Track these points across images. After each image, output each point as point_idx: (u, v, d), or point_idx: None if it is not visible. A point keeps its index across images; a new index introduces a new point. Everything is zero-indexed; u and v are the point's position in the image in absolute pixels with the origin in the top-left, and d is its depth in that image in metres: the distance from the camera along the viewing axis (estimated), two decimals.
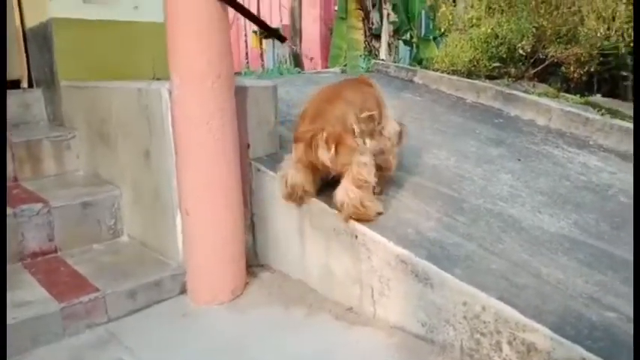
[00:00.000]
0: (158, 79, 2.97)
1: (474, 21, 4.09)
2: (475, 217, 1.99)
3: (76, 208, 2.27)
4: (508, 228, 1.94)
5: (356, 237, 1.85)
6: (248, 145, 2.22)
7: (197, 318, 1.94)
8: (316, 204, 1.98)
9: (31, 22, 2.87)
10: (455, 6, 5.33)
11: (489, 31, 3.87)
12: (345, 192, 1.84)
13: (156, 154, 2.09)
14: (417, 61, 7.50)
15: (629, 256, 1.82)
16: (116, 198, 2.39)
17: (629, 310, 1.48)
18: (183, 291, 2.09)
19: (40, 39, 2.79)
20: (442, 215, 1.98)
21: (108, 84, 2.42)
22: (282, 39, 2.12)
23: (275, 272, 2.24)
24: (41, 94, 2.97)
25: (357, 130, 1.87)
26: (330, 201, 1.96)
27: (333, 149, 1.82)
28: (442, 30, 4.74)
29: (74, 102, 2.66)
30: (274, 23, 14.39)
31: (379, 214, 1.93)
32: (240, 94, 2.08)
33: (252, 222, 2.29)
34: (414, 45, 8.45)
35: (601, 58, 4.20)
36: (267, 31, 2.15)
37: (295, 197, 2.01)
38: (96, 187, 2.47)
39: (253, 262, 2.30)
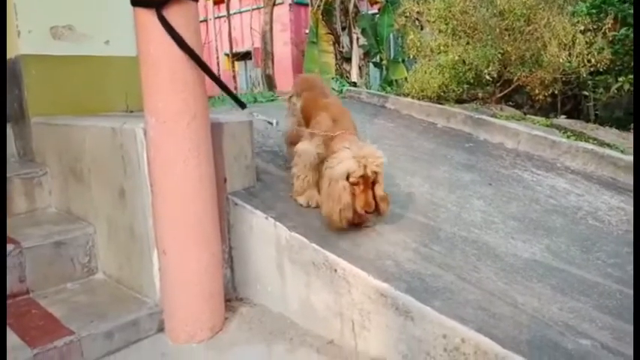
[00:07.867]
0: (131, 111, 2.95)
1: (442, 48, 4.21)
2: (451, 246, 2.03)
3: (48, 247, 2.22)
4: (483, 256, 1.98)
5: (335, 271, 1.86)
6: (225, 180, 2.22)
7: (176, 357, 1.91)
8: (296, 238, 1.99)
9: None
10: (422, 29, 5.48)
11: (457, 57, 3.99)
12: None
13: (131, 192, 2.07)
14: (388, 82, 7.67)
15: (600, 279, 1.88)
16: (90, 235, 2.34)
17: (603, 337, 1.52)
18: (161, 329, 2.05)
19: (8, 75, 2.75)
20: (419, 245, 2.01)
21: (80, 121, 2.38)
22: (242, 106, 2.12)
23: (255, 306, 2.23)
24: (10, 130, 2.91)
25: None
26: (309, 234, 1.98)
27: None
28: (411, 56, 4.88)
29: (45, 138, 2.61)
30: (246, 46, 14.50)
31: None
32: (217, 130, 2.09)
33: (230, 256, 2.28)
34: (384, 67, 8.65)
35: (563, 78, 4.38)
36: (228, 95, 2.13)
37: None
38: (69, 224, 2.42)
39: (232, 296, 2.28)
